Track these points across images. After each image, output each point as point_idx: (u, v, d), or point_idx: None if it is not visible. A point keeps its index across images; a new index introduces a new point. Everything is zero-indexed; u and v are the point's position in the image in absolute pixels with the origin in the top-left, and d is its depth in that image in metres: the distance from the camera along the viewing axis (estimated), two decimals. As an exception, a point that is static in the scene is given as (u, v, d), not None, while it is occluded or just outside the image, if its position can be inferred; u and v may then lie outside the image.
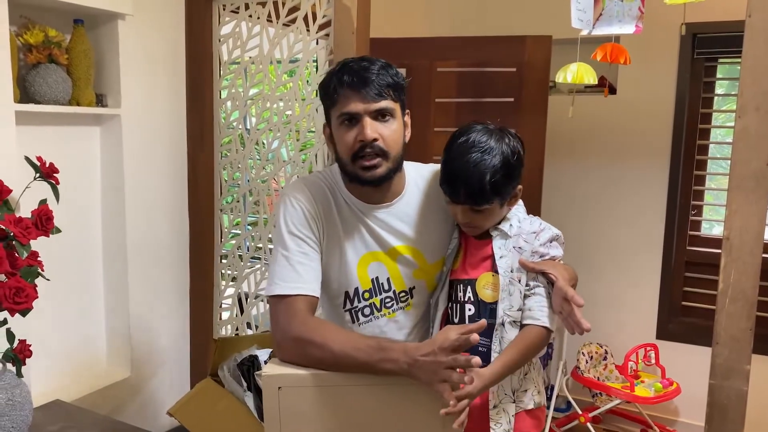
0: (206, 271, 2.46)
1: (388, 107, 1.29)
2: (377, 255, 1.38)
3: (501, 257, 1.31)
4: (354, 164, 1.30)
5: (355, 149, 1.28)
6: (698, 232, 3.12)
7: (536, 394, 1.34)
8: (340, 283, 1.38)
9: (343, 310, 1.40)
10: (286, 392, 1.14)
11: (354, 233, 1.37)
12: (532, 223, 1.37)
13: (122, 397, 2.22)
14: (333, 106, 1.31)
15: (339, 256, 1.37)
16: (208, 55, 2.36)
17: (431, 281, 1.41)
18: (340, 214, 1.38)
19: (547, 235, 1.33)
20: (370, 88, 1.26)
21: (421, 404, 1.11)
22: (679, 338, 3.05)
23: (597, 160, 3.20)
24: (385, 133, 1.29)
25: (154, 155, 2.28)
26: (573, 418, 3.05)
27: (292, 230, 1.33)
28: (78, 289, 2.16)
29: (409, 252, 1.39)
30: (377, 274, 1.38)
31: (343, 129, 1.30)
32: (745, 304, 1.49)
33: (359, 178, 1.32)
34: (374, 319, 1.39)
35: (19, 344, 1.61)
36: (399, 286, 1.39)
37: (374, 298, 1.38)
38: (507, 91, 2.77)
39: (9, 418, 1.48)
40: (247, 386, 1.85)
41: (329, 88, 1.31)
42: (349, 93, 1.27)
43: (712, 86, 3.06)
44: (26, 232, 1.44)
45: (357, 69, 1.28)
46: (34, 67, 1.88)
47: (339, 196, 1.39)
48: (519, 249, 1.32)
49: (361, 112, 1.27)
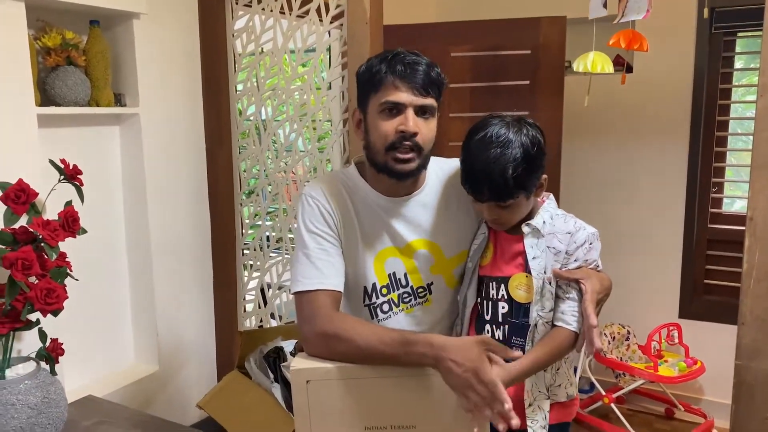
0: (229, 264, 2.49)
1: (431, 105, 1.30)
2: (394, 251, 1.39)
3: (534, 258, 1.29)
4: (387, 154, 1.30)
5: (393, 140, 1.28)
6: (719, 210, 3.09)
7: (569, 387, 1.36)
8: (358, 278, 1.39)
9: (363, 305, 1.41)
10: (314, 386, 1.16)
11: (372, 230, 1.38)
12: (566, 221, 1.33)
13: (151, 391, 2.26)
14: (376, 92, 1.30)
15: (356, 252, 1.38)
16: (223, 49, 2.36)
17: (449, 276, 1.41)
18: (357, 211, 1.39)
19: (583, 237, 1.31)
20: (419, 82, 1.26)
21: (446, 396, 1.13)
22: (702, 317, 3.03)
23: (615, 139, 3.17)
24: (424, 130, 1.29)
25: (173, 152, 2.30)
26: (597, 399, 3.05)
27: (310, 228, 1.34)
28: (104, 287, 2.20)
29: (425, 246, 1.39)
30: (394, 269, 1.39)
31: (383, 117, 1.29)
32: (770, 284, 1.48)
33: (389, 169, 1.31)
34: (393, 315, 1.40)
35: (52, 343, 1.65)
36: (416, 282, 1.39)
37: (392, 294, 1.39)
38: (522, 73, 2.75)
39: (45, 416, 1.52)
40: (273, 378, 1.89)
41: (376, 74, 1.29)
42: (399, 83, 1.27)
43: (731, 61, 3.00)
44: (54, 234, 1.47)
45: (409, 61, 1.27)
46: (53, 70, 1.90)
47: (356, 193, 1.40)
48: (553, 249, 1.29)
49: (407, 103, 1.27)
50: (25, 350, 1.66)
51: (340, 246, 1.37)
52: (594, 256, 1.33)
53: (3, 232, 1.48)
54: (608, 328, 3.04)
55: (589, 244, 1.31)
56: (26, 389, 1.50)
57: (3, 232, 1.48)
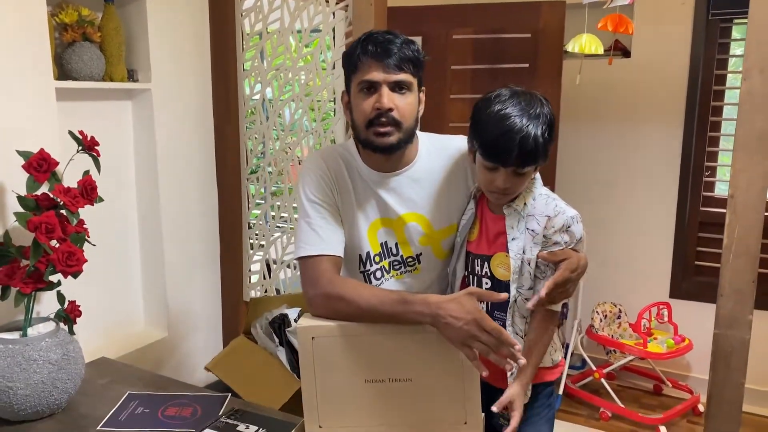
0: (235, 238, 2.59)
1: (406, 80, 1.36)
2: (386, 222, 1.47)
3: (513, 239, 1.34)
4: (368, 131, 1.38)
5: (371, 116, 1.36)
6: (712, 193, 3.17)
7: (554, 353, 1.44)
8: (353, 247, 1.47)
9: (358, 272, 1.49)
10: (319, 342, 1.25)
11: (365, 201, 1.46)
12: (547, 203, 1.35)
13: (160, 356, 2.37)
14: (354, 73, 1.39)
15: (352, 222, 1.46)
16: (231, 28, 2.43)
17: (437, 247, 1.48)
18: (353, 183, 1.46)
19: (561, 221, 1.32)
20: (392, 60, 1.33)
21: (440, 350, 1.22)
22: (692, 296, 3.13)
23: (611, 122, 3.24)
24: (401, 105, 1.36)
25: (183, 127, 2.38)
26: (588, 374, 3.16)
27: (311, 198, 1.43)
28: (116, 256, 2.30)
29: (415, 219, 1.46)
30: (386, 239, 1.47)
31: (362, 96, 1.37)
32: (748, 258, 1.57)
33: (371, 145, 1.39)
34: (384, 282, 1.48)
35: (70, 305, 1.75)
36: (406, 252, 1.48)
37: (384, 261, 1.48)
38: (522, 57, 2.82)
39: (65, 372, 1.61)
40: (279, 342, 1.98)
41: (353, 56, 1.38)
42: (372, 62, 1.34)
43: (727, 47, 3.07)
44: (75, 201, 1.56)
45: (381, 40, 1.35)
46: (70, 46, 1.98)
47: (352, 166, 1.48)
48: (532, 231, 1.33)
49: (381, 81, 1.34)
50: (43, 312, 1.75)
51: (339, 214, 1.45)
52: (572, 239, 1.35)
53: (26, 197, 1.57)
54: (600, 306, 3.14)
55: (567, 228, 1.33)
56: (47, 346, 1.59)
57: (26, 197, 1.57)
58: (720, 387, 1.63)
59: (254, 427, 1.52)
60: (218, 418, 1.57)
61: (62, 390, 1.60)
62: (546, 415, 1.45)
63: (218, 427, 1.52)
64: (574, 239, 1.35)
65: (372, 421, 1.25)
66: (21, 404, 1.54)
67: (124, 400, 1.69)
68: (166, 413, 1.61)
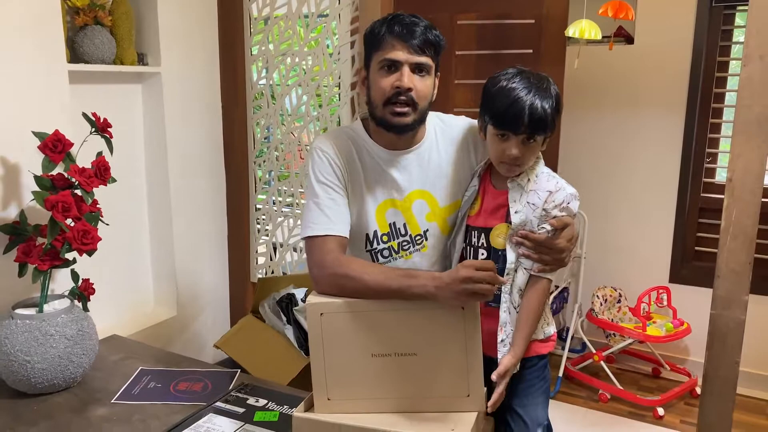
0: (242, 220, 2.63)
1: (426, 63, 1.40)
2: (394, 202, 1.50)
3: (516, 212, 1.40)
4: (384, 108, 1.41)
5: (389, 94, 1.39)
6: (713, 179, 3.20)
7: (546, 326, 1.48)
8: (361, 226, 1.51)
9: (364, 250, 1.53)
10: (327, 317, 1.30)
11: (375, 180, 1.50)
12: (549, 180, 1.41)
13: (170, 334, 2.42)
14: (377, 50, 1.42)
15: (360, 202, 1.50)
16: (239, 12, 2.46)
17: (443, 223, 1.53)
18: (362, 163, 1.50)
19: (561, 197, 1.39)
20: (416, 41, 1.37)
21: (444, 326, 1.26)
22: (692, 281, 3.16)
23: (614, 108, 3.27)
24: (419, 86, 1.40)
25: (192, 109, 2.42)
26: (587, 357, 3.20)
27: (320, 179, 1.46)
28: (126, 236, 2.34)
29: (421, 196, 1.51)
30: (394, 219, 1.51)
31: (382, 74, 1.41)
32: (745, 240, 1.60)
33: (386, 123, 1.43)
34: (392, 261, 1.52)
35: (83, 282, 1.80)
36: (414, 230, 1.51)
37: (392, 242, 1.51)
38: (526, 42, 2.84)
39: (80, 347, 1.67)
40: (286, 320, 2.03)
41: (378, 34, 1.41)
42: (396, 42, 1.38)
43: (730, 34, 3.08)
44: (89, 181, 1.61)
45: (407, 22, 1.39)
46: (82, 29, 2.01)
47: (361, 146, 1.51)
48: (533, 205, 1.39)
49: (403, 61, 1.38)
50: (58, 290, 1.80)
51: (347, 196, 1.48)
52: (569, 215, 1.41)
53: (42, 177, 1.61)
54: (600, 291, 3.18)
55: (566, 204, 1.40)
56: (63, 322, 1.65)
57: (42, 177, 1.61)
58: (715, 366, 1.67)
59: (264, 400, 1.58)
60: (228, 392, 1.62)
61: (77, 364, 1.66)
62: (541, 387, 1.50)
63: (228, 400, 1.58)
64: (570, 215, 1.41)
65: (378, 393, 1.30)
66: (38, 377, 1.60)
67: (137, 375, 1.74)
68: (178, 388, 1.67)
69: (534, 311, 1.41)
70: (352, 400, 1.30)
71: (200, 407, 1.55)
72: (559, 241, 1.38)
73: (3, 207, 1.70)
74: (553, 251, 1.37)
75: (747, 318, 1.63)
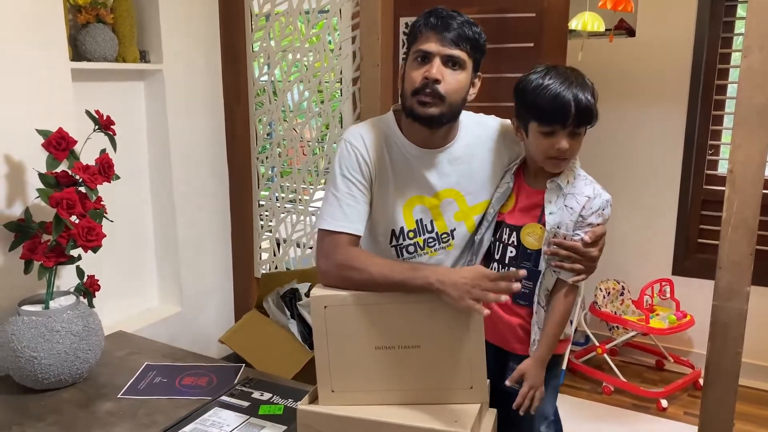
0: (245, 216, 2.64)
1: (460, 57, 1.38)
2: (423, 199, 1.49)
3: (551, 213, 1.40)
4: (413, 98, 1.40)
5: (418, 85, 1.38)
6: (715, 171, 3.20)
7: (568, 327, 1.49)
8: (387, 221, 1.50)
9: (389, 246, 1.52)
10: (331, 311, 1.31)
11: (403, 177, 1.48)
12: (587, 184, 1.42)
13: (175, 330, 2.44)
14: (414, 42, 1.41)
15: (388, 198, 1.48)
16: (240, 9, 2.47)
17: (470, 223, 1.52)
18: (391, 159, 1.48)
19: (599, 204, 1.40)
20: (449, 34, 1.36)
21: (447, 318, 1.27)
22: (694, 273, 3.17)
23: (616, 101, 3.27)
24: (449, 80, 1.38)
25: (194, 106, 2.43)
26: (591, 350, 3.21)
27: (344, 173, 1.44)
28: (130, 233, 2.36)
29: (451, 195, 1.49)
30: (421, 216, 1.50)
31: (415, 65, 1.40)
32: (746, 231, 1.61)
33: (413, 113, 1.41)
34: (417, 257, 1.51)
35: (89, 279, 1.81)
36: (441, 228, 1.50)
37: (418, 238, 1.51)
38: (527, 36, 2.83)
39: (86, 342, 1.68)
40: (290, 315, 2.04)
41: (415, 26, 1.41)
42: (430, 34, 1.37)
43: (732, 26, 3.07)
44: (93, 178, 1.62)
45: (444, 15, 1.38)
46: (84, 27, 2.02)
47: (392, 141, 1.49)
48: (570, 209, 1.39)
49: (435, 52, 1.37)
50: (63, 287, 1.82)
51: (369, 194, 1.47)
52: (603, 221, 1.43)
53: (47, 175, 1.62)
54: (603, 284, 3.18)
55: (602, 210, 1.41)
56: (69, 318, 1.66)
57: (47, 175, 1.62)
58: (718, 357, 1.68)
59: (268, 394, 1.59)
60: (233, 386, 1.63)
61: (84, 360, 1.67)
62: (552, 384, 1.51)
63: (233, 394, 1.59)
64: (603, 221, 1.43)
65: (382, 385, 1.31)
66: (45, 373, 1.61)
67: (143, 370, 1.76)
68: (183, 382, 1.68)
69: (560, 321, 1.42)
70: (356, 392, 1.31)
71: (205, 401, 1.56)
72: (592, 250, 1.39)
73: (8, 205, 1.72)
74: (586, 259, 1.38)
75: (749, 309, 1.64)
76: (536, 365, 1.41)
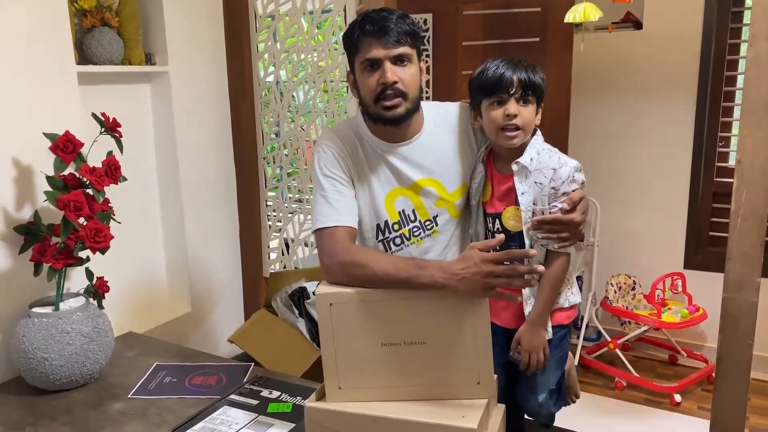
0: (253, 216, 2.65)
1: (406, 53, 1.43)
2: (402, 190, 1.53)
3: (522, 194, 1.45)
4: (376, 105, 1.45)
5: (377, 91, 1.43)
6: (726, 163, 3.16)
7: (571, 295, 1.54)
8: (371, 217, 1.54)
9: (376, 241, 1.56)
10: (337, 308, 1.31)
11: (379, 172, 1.53)
12: (551, 156, 1.47)
13: (185, 330, 2.45)
14: (356, 53, 1.45)
15: (368, 193, 1.53)
16: (245, 10, 2.48)
17: (452, 208, 1.56)
18: (366, 156, 1.53)
19: (566, 172, 1.44)
20: (390, 36, 1.40)
21: (453, 314, 1.27)
22: (706, 267, 3.13)
23: (624, 94, 3.24)
24: (404, 77, 1.43)
25: (200, 107, 2.44)
26: (603, 345, 3.19)
27: (326, 173, 1.50)
28: (139, 234, 2.37)
29: (429, 184, 1.54)
30: (403, 207, 1.54)
31: (366, 74, 1.44)
32: (755, 222, 1.59)
33: (382, 118, 1.46)
34: (404, 247, 1.56)
35: (98, 280, 1.82)
36: (423, 216, 1.55)
37: (403, 229, 1.55)
38: (532, 31, 2.83)
39: (96, 344, 1.70)
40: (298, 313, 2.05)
41: (352, 38, 1.44)
42: (371, 41, 1.41)
43: (741, 16, 3.04)
44: (100, 180, 1.63)
45: (378, 19, 1.41)
46: (89, 31, 2.04)
47: (365, 140, 1.54)
48: (540, 185, 1.44)
49: (382, 57, 1.41)
50: (73, 288, 1.83)
51: (353, 188, 1.52)
52: (575, 187, 1.46)
53: (54, 177, 1.64)
54: (614, 278, 3.16)
55: (572, 177, 1.45)
56: (79, 320, 1.67)
57: (54, 177, 1.64)
58: (728, 349, 1.66)
59: (277, 392, 1.60)
60: (243, 384, 1.64)
61: (94, 361, 1.69)
62: (556, 354, 1.54)
63: (242, 392, 1.60)
64: (579, 186, 1.47)
65: (388, 382, 1.31)
66: (56, 374, 1.63)
67: (153, 370, 1.77)
68: (193, 382, 1.69)
69: (553, 285, 1.47)
70: (363, 389, 1.31)
71: (215, 400, 1.57)
72: (574, 215, 1.43)
73: (18, 208, 1.73)
74: (570, 226, 1.43)
75: (760, 303, 1.62)
76: (529, 329, 1.47)
